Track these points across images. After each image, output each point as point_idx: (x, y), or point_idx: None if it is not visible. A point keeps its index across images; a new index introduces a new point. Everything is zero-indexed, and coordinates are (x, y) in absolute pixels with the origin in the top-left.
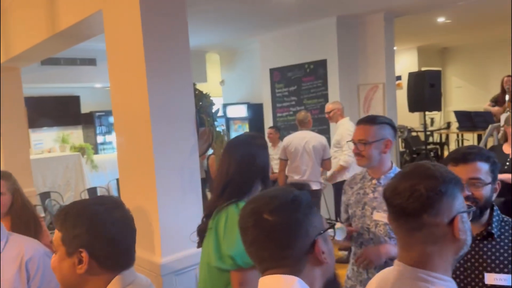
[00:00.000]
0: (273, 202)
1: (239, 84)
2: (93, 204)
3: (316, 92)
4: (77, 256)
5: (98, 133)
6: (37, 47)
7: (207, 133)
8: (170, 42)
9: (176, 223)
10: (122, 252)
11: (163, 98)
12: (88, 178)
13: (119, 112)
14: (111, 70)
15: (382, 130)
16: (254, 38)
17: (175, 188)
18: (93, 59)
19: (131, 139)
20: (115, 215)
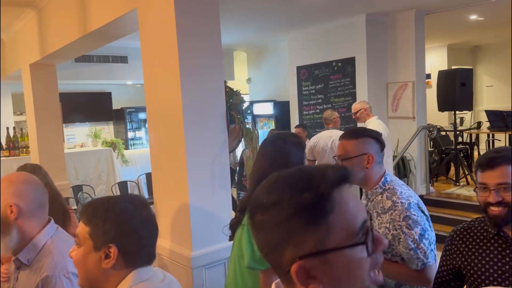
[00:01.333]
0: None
1: (265, 82)
2: (122, 202)
3: (343, 90)
4: (105, 251)
5: (128, 129)
6: (71, 46)
7: (237, 130)
8: (203, 40)
9: (207, 217)
10: (146, 250)
11: (196, 95)
12: (119, 172)
13: (153, 108)
14: (145, 67)
15: (363, 145)
16: (282, 36)
17: (205, 183)
18: (125, 57)
19: (164, 135)
20: (142, 213)
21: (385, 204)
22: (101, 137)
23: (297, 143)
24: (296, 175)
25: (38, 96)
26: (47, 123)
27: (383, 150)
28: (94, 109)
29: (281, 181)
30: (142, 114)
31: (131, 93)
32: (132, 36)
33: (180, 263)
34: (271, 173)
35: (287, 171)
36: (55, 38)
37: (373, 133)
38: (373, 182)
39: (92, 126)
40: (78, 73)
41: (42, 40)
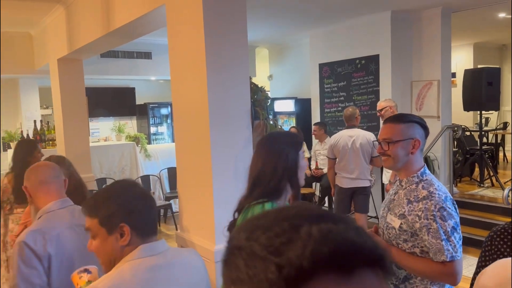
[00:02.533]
0: None
1: (287, 79)
2: (115, 187)
3: (366, 88)
4: (119, 231)
5: (151, 124)
6: (98, 41)
7: (261, 126)
8: (230, 36)
9: (230, 212)
10: (149, 221)
11: (221, 91)
12: (142, 166)
13: (179, 103)
14: (172, 62)
15: (410, 130)
16: (304, 33)
17: (229, 178)
18: (149, 53)
19: (189, 130)
20: (136, 190)
21: (420, 193)
22: (124, 131)
23: (292, 143)
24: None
25: (65, 90)
26: (73, 117)
27: (427, 137)
28: (118, 104)
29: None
30: (164, 109)
31: (154, 89)
32: (156, 33)
33: (203, 256)
34: (262, 173)
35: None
36: (82, 34)
37: (418, 118)
38: (412, 170)
39: (116, 121)
40: (104, 69)
41: (70, 35)
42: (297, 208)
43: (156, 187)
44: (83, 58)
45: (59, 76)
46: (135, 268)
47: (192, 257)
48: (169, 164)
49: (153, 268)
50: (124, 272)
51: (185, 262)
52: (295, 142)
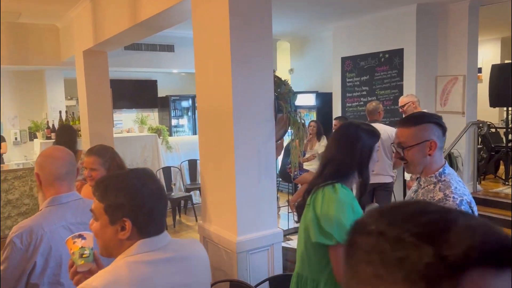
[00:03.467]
0: None
1: (308, 72)
2: (131, 178)
3: (390, 82)
4: (121, 224)
5: (172, 116)
6: (123, 34)
7: (284, 120)
8: (255, 29)
9: (252, 204)
10: (157, 221)
11: (245, 84)
12: (163, 158)
13: (203, 96)
14: (197, 55)
15: (424, 132)
16: (327, 26)
17: (252, 171)
18: (172, 46)
19: (213, 122)
20: (151, 187)
21: (436, 195)
22: (147, 123)
23: (370, 134)
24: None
25: (90, 82)
26: (98, 108)
27: (445, 134)
28: (140, 97)
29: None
30: (185, 102)
31: (175, 81)
32: (179, 26)
33: (226, 247)
34: (335, 157)
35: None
36: (108, 26)
37: (433, 118)
38: (431, 170)
39: (138, 113)
40: (127, 61)
41: (96, 28)
42: (428, 202)
43: (177, 179)
44: (108, 50)
45: (84, 68)
46: (132, 264)
47: (194, 248)
48: (189, 156)
49: (151, 263)
50: (121, 269)
51: (186, 254)
52: (373, 135)
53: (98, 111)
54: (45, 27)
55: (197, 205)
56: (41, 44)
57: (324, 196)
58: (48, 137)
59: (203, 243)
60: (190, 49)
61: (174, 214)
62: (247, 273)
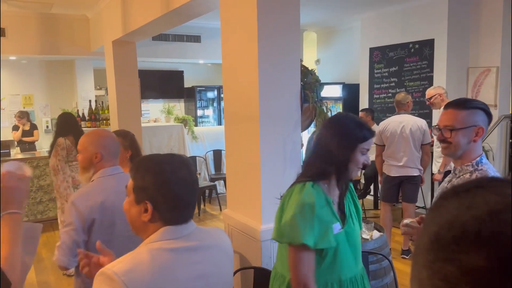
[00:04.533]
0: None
1: (335, 63)
2: (161, 163)
3: (419, 74)
4: (143, 206)
5: (198, 107)
6: (151, 24)
7: (310, 110)
8: (282, 18)
9: (277, 194)
10: (182, 208)
11: (272, 74)
12: (189, 148)
13: (229, 86)
14: (224, 45)
15: (473, 116)
16: (355, 17)
17: (277, 160)
18: (198, 36)
19: (239, 111)
20: (179, 174)
21: None
22: (173, 113)
23: (356, 131)
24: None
25: (119, 71)
26: (126, 98)
27: (489, 124)
28: (167, 87)
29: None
30: (210, 93)
31: (201, 72)
32: (206, 16)
33: (250, 235)
34: (312, 156)
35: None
36: (137, 16)
37: (482, 104)
38: (469, 158)
39: (165, 103)
40: (154, 51)
41: (125, 18)
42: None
43: (202, 168)
44: (137, 41)
45: (113, 58)
46: (154, 251)
47: (219, 237)
48: (214, 146)
49: (173, 251)
50: (142, 256)
51: (210, 244)
52: (360, 131)
53: (127, 101)
54: (76, 18)
55: (221, 194)
56: (72, 35)
57: (292, 194)
58: None
59: (228, 231)
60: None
61: (199, 203)
62: (271, 261)
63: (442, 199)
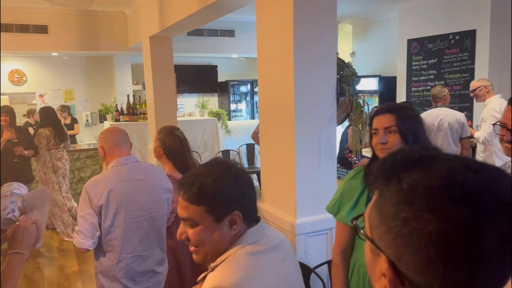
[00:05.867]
0: None
1: (371, 56)
2: (228, 167)
3: (460, 66)
4: (229, 219)
5: (231, 101)
6: (188, 19)
7: (347, 103)
8: (319, 10)
9: (311, 187)
10: (255, 208)
11: (308, 67)
12: (222, 141)
13: (264, 79)
14: (259, 38)
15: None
16: (392, 7)
17: (312, 154)
18: (232, 31)
19: (273, 104)
20: (243, 177)
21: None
22: (207, 108)
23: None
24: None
25: (156, 67)
26: (163, 92)
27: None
28: (201, 82)
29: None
30: (243, 87)
31: (235, 66)
32: (240, 11)
33: (285, 229)
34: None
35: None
36: (173, 12)
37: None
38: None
39: (199, 98)
40: (189, 47)
41: (162, 14)
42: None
43: None
44: (173, 36)
45: (150, 54)
46: (251, 254)
47: (278, 232)
48: (247, 140)
49: (264, 252)
50: (244, 261)
51: (280, 239)
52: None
53: (163, 96)
54: (114, 14)
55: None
56: (110, 31)
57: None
58: (117, 120)
59: None
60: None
61: None
62: (306, 255)
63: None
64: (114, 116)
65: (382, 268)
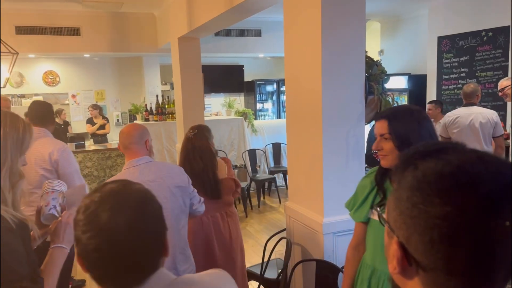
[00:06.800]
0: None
1: (400, 54)
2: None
3: (493, 63)
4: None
5: (257, 100)
6: (216, 20)
7: (375, 102)
8: (347, 9)
9: (339, 187)
10: None
11: (336, 65)
12: (249, 141)
13: (291, 78)
14: (287, 37)
15: None
16: (422, 4)
17: (340, 153)
18: (259, 30)
19: (301, 104)
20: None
21: None
22: (233, 107)
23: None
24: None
25: (184, 67)
26: (191, 92)
27: None
28: (227, 81)
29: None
30: (270, 86)
31: (261, 66)
32: (267, 10)
33: (312, 228)
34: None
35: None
36: (202, 13)
37: None
38: None
39: (226, 97)
40: (216, 47)
41: (190, 15)
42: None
43: (261, 161)
44: (201, 37)
45: (179, 54)
46: None
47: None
48: (274, 140)
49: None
50: None
51: None
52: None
53: (191, 96)
54: (144, 16)
55: (281, 187)
56: (140, 32)
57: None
58: (146, 119)
59: (289, 223)
60: (277, 33)
61: (259, 195)
62: (333, 255)
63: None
64: (143, 116)
65: (393, 249)
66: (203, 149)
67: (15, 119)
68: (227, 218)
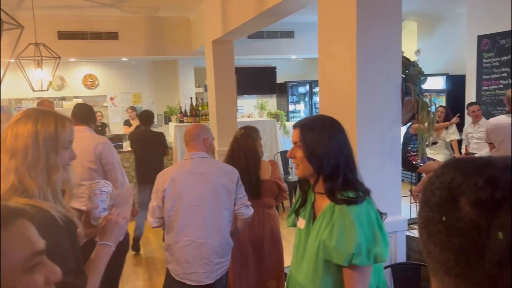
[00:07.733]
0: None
1: (437, 53)
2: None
3: None
4: None
5: (289, 102)
6: (249, 23)
7: (412, 103)
8: (383, 8)
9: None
10: None
11: (371, 66)
12: (281, 142)
13: (325, 79)
14: (321, 38)
15: None
16: (460, 3)
17: (375, 155)
18: (292, 32)
19: (335, 105)
20: None
21: None
22: (266, 109)
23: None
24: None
25: (218, 70)
26: (224, 94)
27: None
28: (260, 83)
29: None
30: (302, 88)
31: (293, 67)
32: (300, 11)
33: None
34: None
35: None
36: (235, 16)
37: None
38: None
39: (258, 99)
40: (250, 49)
41: (224, 18)
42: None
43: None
44: (234, 40)
45: (213, 57)
46: None
47: None
48: None
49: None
50: None
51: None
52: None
53: (224, 98)
54: (179, 20)
55: None
56: (175, 36)
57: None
58: (181, 121)
59: None
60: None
61: (291, 197)
62: None
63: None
64: (178, 118)
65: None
66: (248, 148)
67: (46, 116)
68: (264, 219)
